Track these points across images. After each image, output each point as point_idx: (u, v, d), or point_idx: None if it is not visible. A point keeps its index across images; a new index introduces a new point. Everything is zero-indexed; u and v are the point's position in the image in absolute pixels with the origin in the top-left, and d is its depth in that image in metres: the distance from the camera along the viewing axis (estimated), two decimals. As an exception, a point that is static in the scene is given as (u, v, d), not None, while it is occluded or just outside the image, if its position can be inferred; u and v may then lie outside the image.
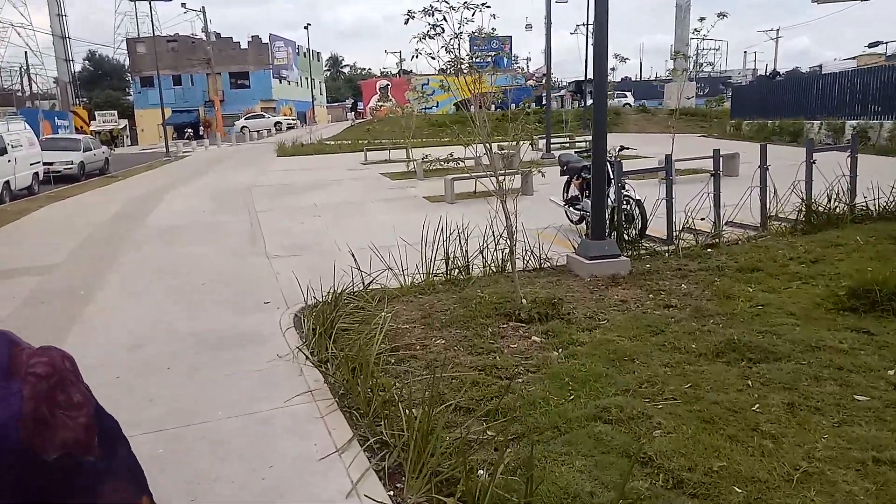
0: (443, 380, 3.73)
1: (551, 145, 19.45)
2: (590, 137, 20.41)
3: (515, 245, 5.47)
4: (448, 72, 6.01)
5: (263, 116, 53.79)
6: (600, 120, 6.35)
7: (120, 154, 37.70)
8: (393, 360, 4.33)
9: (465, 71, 5.78)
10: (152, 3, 43.92)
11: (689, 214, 7.14)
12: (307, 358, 4.52)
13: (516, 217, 5.81)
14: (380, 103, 56.47)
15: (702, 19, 11.00)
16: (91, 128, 57.28)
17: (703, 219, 7.30)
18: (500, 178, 5.49)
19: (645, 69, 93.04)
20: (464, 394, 3.68)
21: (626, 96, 45.14)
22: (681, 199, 7.37)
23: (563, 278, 6.12)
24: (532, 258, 6.64)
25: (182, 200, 14.24)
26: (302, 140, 30.63)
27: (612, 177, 7.35)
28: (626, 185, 7.50)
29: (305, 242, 8.85)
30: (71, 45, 48.35)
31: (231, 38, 60.26)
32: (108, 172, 22.67)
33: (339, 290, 5.83)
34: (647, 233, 7.41)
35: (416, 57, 5.61)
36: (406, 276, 6.28)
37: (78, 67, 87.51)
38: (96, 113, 60.67)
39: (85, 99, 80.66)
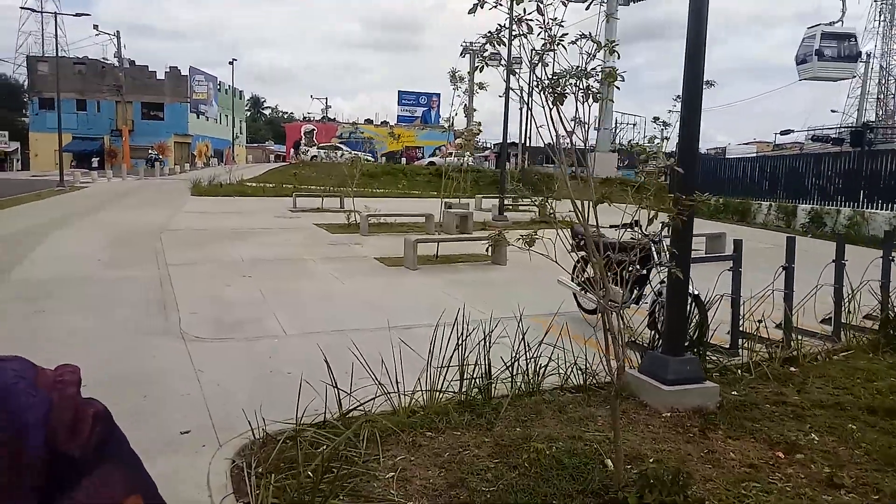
0: None
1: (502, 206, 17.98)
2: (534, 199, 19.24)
3: (620, 380, 3.51)
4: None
5: (340, 149, 42.30)
6: (689, 180, 4.49)
7: (5, 179, 33.31)
8: None
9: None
10: (58, 20, 40.10)
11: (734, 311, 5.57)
12: None
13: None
14: (310, 148, 54.22)
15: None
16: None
17: (760, 321, 5.75)
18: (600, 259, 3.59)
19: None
20: None
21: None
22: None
23: (629, 409, 4.29)
24: (564, 369, 4.77)
25: (71, 243, 11.50)
26: (220, 179, 27.89)
27: (657, 261, 5.73)
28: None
29: (237, 318, 6.61)
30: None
31: (147, 66, 56.59)
32: (-18, 200, 19.16)
33: (301, 418, 3.77)
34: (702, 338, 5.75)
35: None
36: (398, 390, 4.24)
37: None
38: (-17, 132, 54.91)
39: (-28, 116, 73.54)
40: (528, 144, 53.77)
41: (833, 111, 63.97)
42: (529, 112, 4.22)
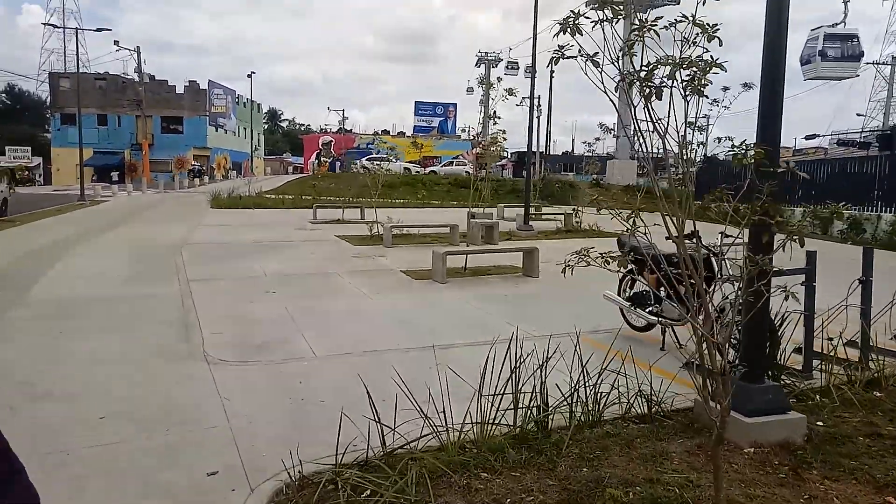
0: None
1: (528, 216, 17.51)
2: (558, 209, 18.27)
3: (725, 427, 2.99)
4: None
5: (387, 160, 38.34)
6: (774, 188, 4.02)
7: (28, 194, 33.49)
8: None
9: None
10: (79, 37, 40.50)
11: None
12: None
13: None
14: (324, 159, 54.26)
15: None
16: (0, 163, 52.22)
17: (831, 339, 5.26)
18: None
19: (573, 145, 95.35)
20: None
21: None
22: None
23: (705, 444, 3.82)
24: (626, 396, 4.31)
25: (91, 259, 11.25)
26: (240, 192, 27.77)
27: (720, 276, 5.26)
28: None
29: (263, 338, 6.23)
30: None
31: (166, 80, 57.05)
32: (7, 215, 19.09)
33: (341, 458, 3.38)
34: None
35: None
36: (445, 421, 3.81)
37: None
38: (6, 148, 55.59)
39: (-4, 133, 74.69)
40: (547, 153, 53.32)
41: (858, 115, 62.60)
42: (548, 120, 3.80)
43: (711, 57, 2.60)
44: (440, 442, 3.73)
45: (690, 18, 2.50)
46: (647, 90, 2.62)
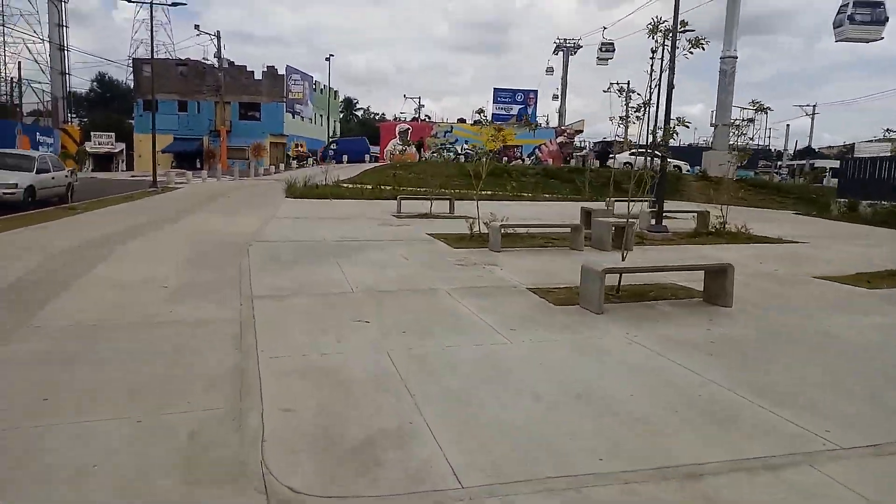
0: None
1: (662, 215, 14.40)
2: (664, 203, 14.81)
3: None
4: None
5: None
6: None
7: (104, 179, 32.94)
8: None
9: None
10: (160, 21, 39.84)
11: None
12: None
13: None
14: (401, 147, 52.21)
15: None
16: (85, 149, 52.93)
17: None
18: None
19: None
20: None
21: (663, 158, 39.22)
22: None
23: None
24: None
25: (140, 260, 9.15)
26: (316, 180, 25.81)
27: None
28: None
29: (361, 429, 3.69)
30: (69, 58, 44.14)
31: (245, 66, 56.39)
32: (69, 201, 17.66)
33: None
34: None
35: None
36: None
37: (86, 89, 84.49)
38: (92, 133, 56.41)
39: (86, 119, 76.82)
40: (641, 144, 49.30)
41: None
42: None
43: None
44: None
45: None
46: None
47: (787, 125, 76.48)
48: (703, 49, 7.06)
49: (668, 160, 37.17)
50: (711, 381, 4.62)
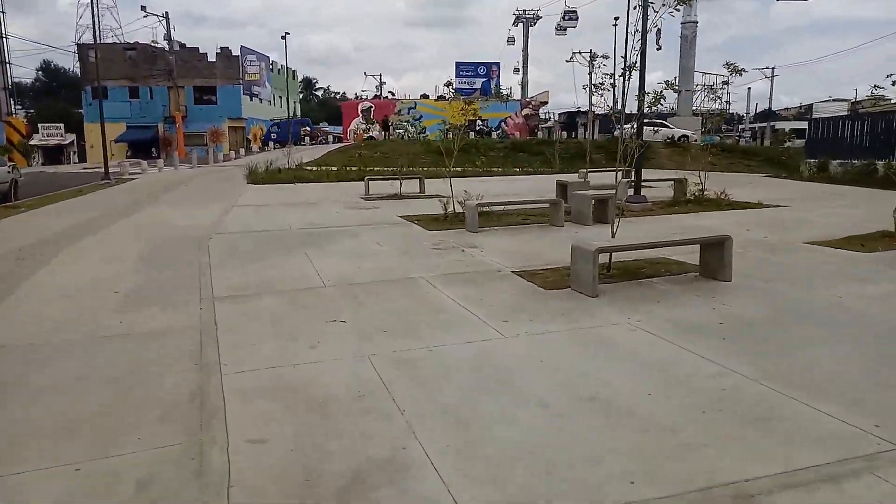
0: None
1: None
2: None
3: None
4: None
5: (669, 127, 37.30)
6: None
7: (53, 173, 31.33)
8: None
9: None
10: (111, 12, 37.82)
11: None
12: None
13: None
14: (364, 126, 51.07)
15: None
16: (33, 142, 50.53)
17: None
18: None
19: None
20: None
21: (667, 126, 37.40)
22: None
23: None
24: None
25: (89, 260, 8.36)
26: (278, 164, 24.83)
27: None
28: None
29: (347, 457, 3.14)
30: (8, 46, 41.75)
31: (197, 48, 54.26)
32: (11, 200, 16.50)
33: None
34: None
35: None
36: None
37: (31, 78, 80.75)
38: (40, 126, 53.87)
39: (32, 110, 73.45)
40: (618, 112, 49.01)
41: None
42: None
43: None
44: None
45: None
46: None
47: (749, 88, 76.63)
48: (690, 5, 6.51)
49: (675, 128, 36.61)
50: (732, 370, 4.15)
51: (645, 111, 7.82)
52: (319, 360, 4.49)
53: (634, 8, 6.97)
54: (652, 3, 6.65)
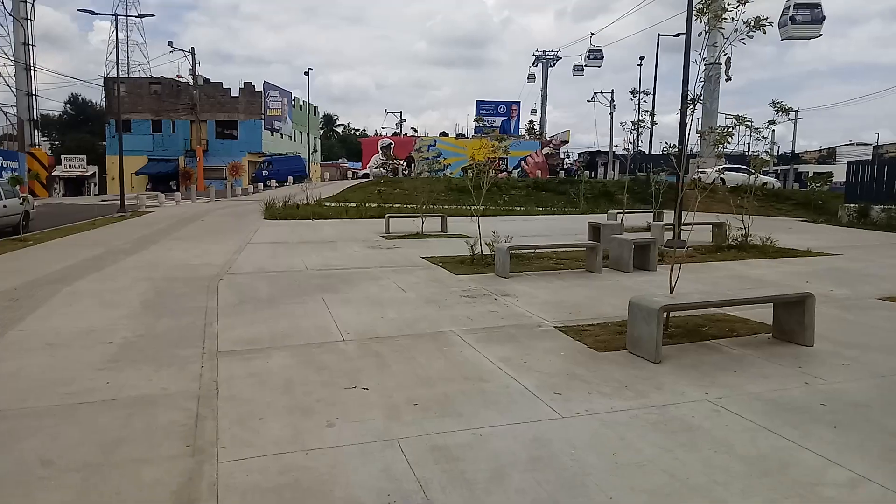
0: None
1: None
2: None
3: None
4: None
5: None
6: None
7: (69, 204, 31.12)
8: None
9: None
10: (139, 41, 38.27)
11: None
12: None
13: None
14: (382, 162, 50.89)
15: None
16: (55, 173, 50.92)
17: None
18: None
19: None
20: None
21: (748, 171, 36.21)
22: None
23: None
24: None
25: (85, 305, 7.63)
26: (297, 199, 24.33)
27: None
28: None
29: None
30: (36, 78, 42.31)
31: (221, 83, 54.81)
32: (21, 232, 15.98)
33: None
34: None
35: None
36: None
37: (60, 111, 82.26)
38: (63, 157, 54.45)
39: (58, 142, 74.57)
40: (637, 151, 48.47)
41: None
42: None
43: None
44: None
45: None
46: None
47: (773, 130, 75.91)
48: (764, 32, 5.77)
49: (759, 176, 35.64)
50: (865, 477, 3.25)
51: (718, 151, 7.03)
52: (337, 445, 3.65)
53: (699, 34, 6.21)
54: (721, 28, 5.93)
